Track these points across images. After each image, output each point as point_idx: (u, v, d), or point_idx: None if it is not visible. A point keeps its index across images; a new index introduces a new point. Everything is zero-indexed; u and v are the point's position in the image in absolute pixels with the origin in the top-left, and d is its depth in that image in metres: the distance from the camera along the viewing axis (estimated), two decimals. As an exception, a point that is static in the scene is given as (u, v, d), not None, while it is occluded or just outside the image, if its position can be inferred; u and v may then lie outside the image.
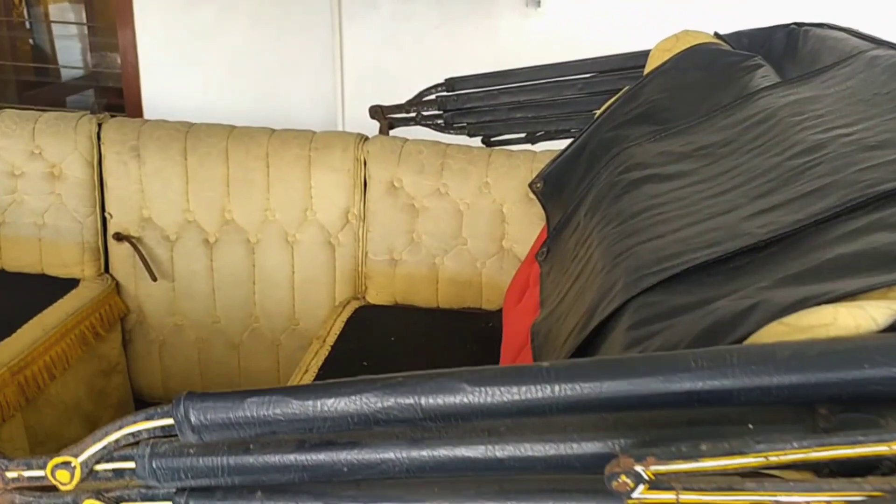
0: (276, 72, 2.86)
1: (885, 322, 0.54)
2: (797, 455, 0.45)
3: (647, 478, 0.47)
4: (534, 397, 0.51)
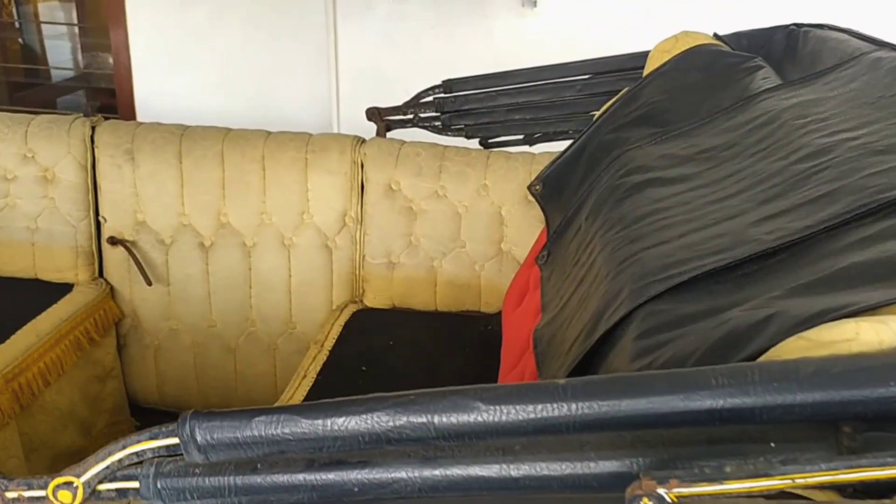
0: (269, 72, 2.84)
1: (909, 337, 0.53)
2: (825, 477, 0.44)
3: (669, 500, 0.46)
4: (550, 415, 0.50)
